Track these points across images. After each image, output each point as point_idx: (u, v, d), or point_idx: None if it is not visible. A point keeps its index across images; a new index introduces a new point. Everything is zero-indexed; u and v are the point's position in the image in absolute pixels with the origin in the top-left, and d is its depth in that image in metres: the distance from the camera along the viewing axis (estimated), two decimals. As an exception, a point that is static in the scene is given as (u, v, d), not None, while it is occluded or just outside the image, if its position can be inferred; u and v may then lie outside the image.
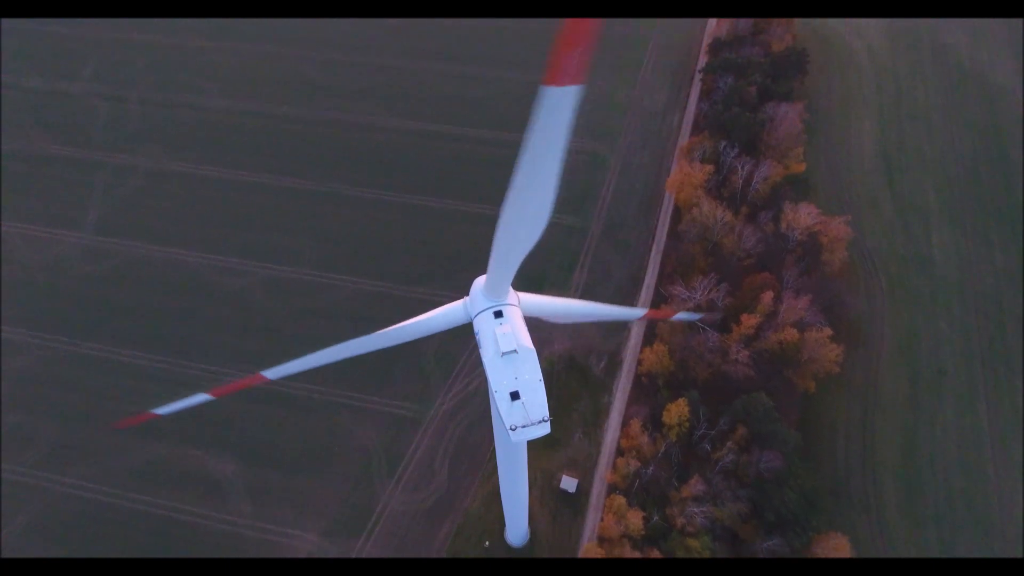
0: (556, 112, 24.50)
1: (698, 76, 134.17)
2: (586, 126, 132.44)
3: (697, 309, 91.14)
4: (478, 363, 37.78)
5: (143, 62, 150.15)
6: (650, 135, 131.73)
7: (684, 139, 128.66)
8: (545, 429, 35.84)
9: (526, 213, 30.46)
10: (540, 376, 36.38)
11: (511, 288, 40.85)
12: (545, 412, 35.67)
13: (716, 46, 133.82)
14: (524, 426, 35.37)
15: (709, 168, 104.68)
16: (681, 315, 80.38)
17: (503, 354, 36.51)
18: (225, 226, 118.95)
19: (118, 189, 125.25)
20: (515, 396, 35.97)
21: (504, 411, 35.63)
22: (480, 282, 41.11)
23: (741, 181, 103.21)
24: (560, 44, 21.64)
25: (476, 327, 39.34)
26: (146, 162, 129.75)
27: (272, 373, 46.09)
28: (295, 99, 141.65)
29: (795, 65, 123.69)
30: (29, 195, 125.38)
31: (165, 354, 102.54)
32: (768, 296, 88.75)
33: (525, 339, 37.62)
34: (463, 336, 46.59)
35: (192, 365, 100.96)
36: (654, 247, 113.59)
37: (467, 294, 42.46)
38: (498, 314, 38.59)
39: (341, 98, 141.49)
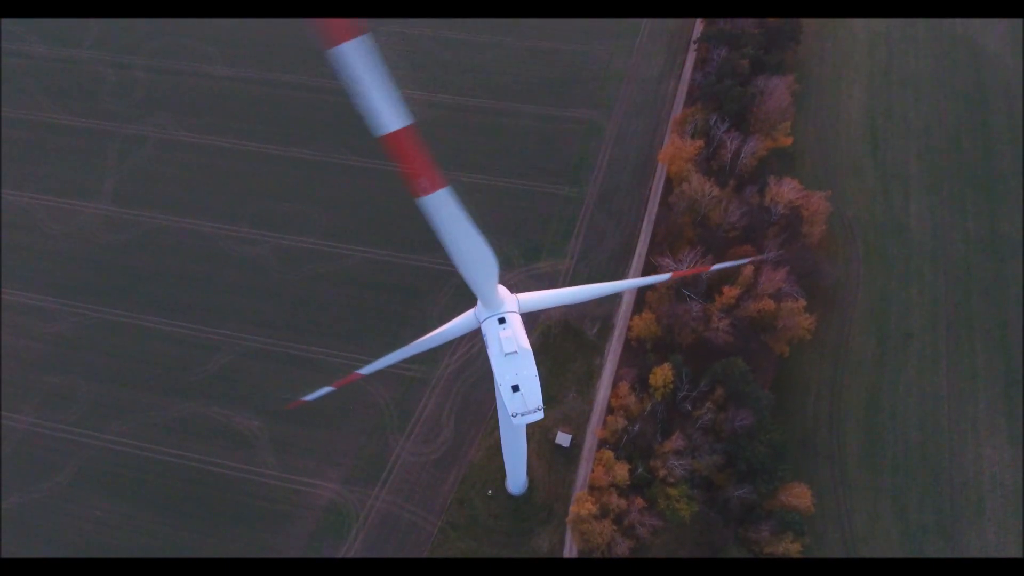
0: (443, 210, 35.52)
1: (693, 47, 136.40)
2: (584, 95, 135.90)
3: (683, 280, 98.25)
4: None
5: (145, 26, 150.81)
6: (645, 103, 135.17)
7: (678, 107, 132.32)
8: (540, 415, 43.89)
9: (469, 259, 39.08)
10: (536, 373, 44.07)
11: (510, 293, 47.93)
12: (539, 402, 43.48)
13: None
14: (523, 413, 43.30)
15: (700, 143, 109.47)
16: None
17: (506, 354, 43.85)
18: (236, 196, 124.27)
19: (131, 159, 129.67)
20: (516, 388, 43.73)
21: (507, 401, 43.51)
22: None
23: (730, 155, 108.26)
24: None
25: (483, 331, 46.69)
26: (156, 132, 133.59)
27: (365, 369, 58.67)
28: (297, 66, 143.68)
29: (788, 35, 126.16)
30: (45, 164, 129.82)
31: (187, 319, 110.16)
32: (749, 268, 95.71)
33: (524, 342, 44.99)
34: (466, 301, 53.84)
35: (213, 331, 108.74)
36: (646, 216, 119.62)
37: None
38: (501, 320, 45.72)
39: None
